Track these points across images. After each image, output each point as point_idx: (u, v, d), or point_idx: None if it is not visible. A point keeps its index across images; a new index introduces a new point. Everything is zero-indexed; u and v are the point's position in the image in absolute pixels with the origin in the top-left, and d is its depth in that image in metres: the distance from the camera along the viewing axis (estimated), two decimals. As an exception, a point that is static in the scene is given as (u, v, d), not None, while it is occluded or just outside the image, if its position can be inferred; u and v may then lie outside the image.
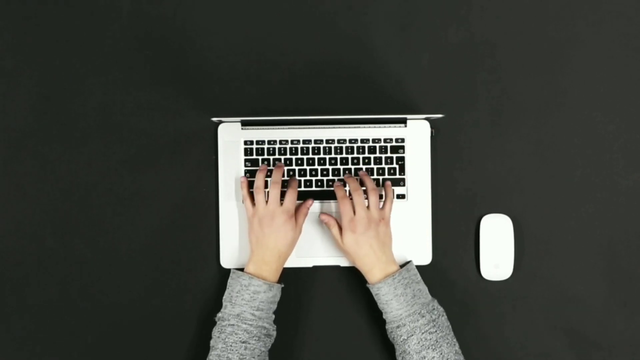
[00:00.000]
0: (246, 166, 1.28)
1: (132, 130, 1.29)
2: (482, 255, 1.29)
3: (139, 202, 1.29)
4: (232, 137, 1.28)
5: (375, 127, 1.28)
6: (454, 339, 1.18)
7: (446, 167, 1.30)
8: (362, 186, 1.24)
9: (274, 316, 1.20)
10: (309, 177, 1.28)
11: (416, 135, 1.28)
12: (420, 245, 1.29)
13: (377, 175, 1.28)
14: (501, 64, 1.31)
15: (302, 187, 1.28)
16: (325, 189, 1.28)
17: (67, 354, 1.29)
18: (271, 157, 1.28)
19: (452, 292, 1.30)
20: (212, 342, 1.18)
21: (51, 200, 1.29)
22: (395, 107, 1.30)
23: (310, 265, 1.28)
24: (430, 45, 1.31)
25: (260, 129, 1.28)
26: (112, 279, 1.29)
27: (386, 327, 1.20)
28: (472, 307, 1.30)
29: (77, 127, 1.30)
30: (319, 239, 1.28)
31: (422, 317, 1.16)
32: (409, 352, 1.16)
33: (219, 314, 1.19)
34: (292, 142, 1.28)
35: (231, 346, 1.15)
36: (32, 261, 1.29)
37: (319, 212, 1.27)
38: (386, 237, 1.21)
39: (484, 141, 1.31)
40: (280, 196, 1.21)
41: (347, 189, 1.25)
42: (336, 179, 1.28)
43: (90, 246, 1.29)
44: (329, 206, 1.28)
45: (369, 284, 1.21)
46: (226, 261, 1.28)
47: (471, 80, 1.31)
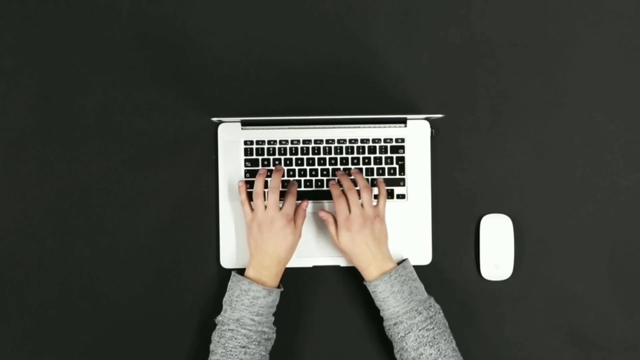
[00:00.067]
0: (246, 166, 1.28)
1: (132, 130, 1.29)
2: (482, 255, 1.29)
3: (139, 202, 1.29)
4: (232, 137, 1.28)
5: (375, 127, 1.28)
6: (451, 336, 1.18)
7: (446, 167, 1.30)
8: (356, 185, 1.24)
9: (273, 318, 1.20)
10: (309, 177, 1.28)
11: (416, 135, 1.28)
12: (420, 245, 1.29)
13: (377, 175, 1.28)
14: (501, 64, 1.31)
15: (302, 187, 1.28)
16: (325, 189, 1.28)
17: (67, 354, 1.29)
18: (271, 157, 1.28)
19: (452, 292, 1.30)
20: (211, 346, 1.18)
21: (51, 200, 1.29)
22: (395, 107, 1.30)
23: (310, 265, 1.28)
24: (430, 45, 1.31)
25: (260, 129, 1.28)
26: (112, 279, 1.29)
27: (384, 325, 1.20)
28: (472, 307, 1.30)
29: (77, 127, 1.30)
30: (319, 239, 1.27)
31: (419, 314, 1.16)
32: (407, 349, 1.16)
33: (219, 318, 1.19)
34: (292, 142, 1.28)
35: (231, 351, 1.15)
36: (32, 261, 1.29)
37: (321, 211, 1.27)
38: (381, 234, 1.21)
39: (484, 141, 1.31)
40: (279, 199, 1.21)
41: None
42: (331, 177, 1.27)
43: (90, 246, 1.29)
44: (330, 207, 1.28)
45: (365, 281, 1.21)
46: (226, 261, 1.28)
47: (471, 80, 1.31)
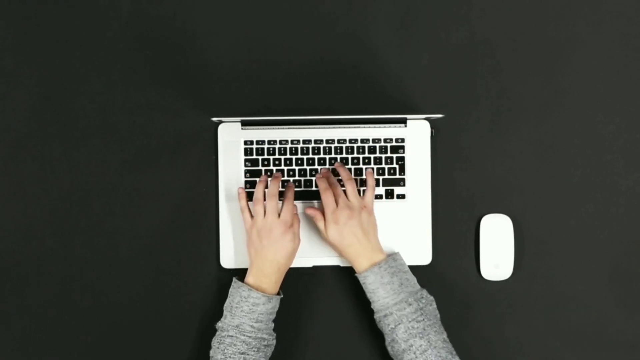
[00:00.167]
0: (246, 166, 1.28)
1: (132, 130, 1.29)
2: (482, 255, 1.29)
3: (139, 202, 1.29)
4: (232, 137, 1.28)
5: (375, 127, 1.28)
6: (442, 328, 1.18)
7: (446, 167, 1.30)
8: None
9: (273, 325, 1.20)
10: (309, 177, 1.28)
11: (416, 135, 1.28)
12: (420, 245, 1.29)
13: (377, 175, 1.28)
14: (501, 64, 1.31)
15: (302, 187, 1.28)
16: (325, 189, 1.28)
17: (67, 354, 1.29)
18: (271, 157, 1.28)
19: (452, 292, 1.30)
20: (211, 352, 1.18)
21: (51, 200, 1.29)
22: (395, 107, 1.30)
23: (310, 265, 1.28)
24: (430, 45, 1.31)
25: (260, 129, 1.28)
26: (112, 279, 1.29)
27: (374, 317, 1.20)
28: (472, 307, 1.30)
29: (77, 127, 1.30)
30: (319, 239, 1.27)
31: (410, 305, 1.16)
32: (397, 341, 1.16)
33: (219, 323, 1.19)
34: (292, 142, 1.28)
35: (230, 357, 1.15)
36: (32, 261, 1.29)
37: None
38: (369, 225, 1.21)
39: (484, 141, 1.31)
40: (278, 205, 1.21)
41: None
42: (318, 171, 1.27)
43: (90, 246, 1.29)
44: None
45: (356, 273, 1.21)
46: (226, 261, 1.28)
47: (471, 80, 1.31)
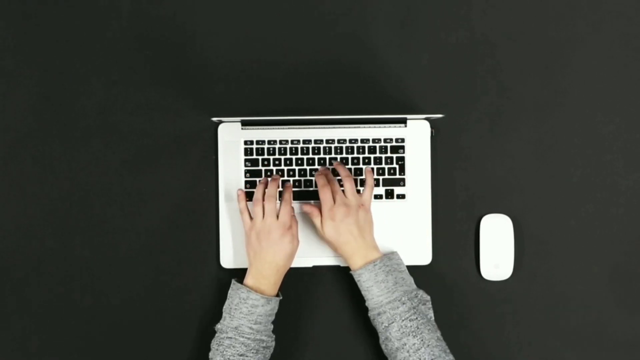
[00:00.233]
0: (246, 166, 1.28)
1: (132, 130, 1.29)
2: (482, 255, 1.29)
3: (139, 202, 1.29)
4: (232, 137, 1.28)
5: (375, 127, 1.28)
6: (435, 326, 1.18)
7: (446, 167, 1.30)
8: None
9: (272, 327, 1.20)
10: (309, 177, 1.28)
11: (416, 135, 1.28)
12: (420, 245, 1.29)
13: (377, 175, 1.28)
14: (501, 64, 1.31)
15: (302, 187, 1.28)
16: (325, 189, 1.28)
17: (67, 354, 1.29)
18: (271, 157, 1.28)
19: (452, 292, 1.30)
20: (210, 354, 1.18)
21: (51, 200, 1.29)
22: (395, 107, 1.30)
23: (310, 265, 1.28)
24: (430, 45, 1.31)
25: (260, 129, 1.28)
26: (112, 279, 1.29)
27: (368, 315, 1.20)
28: (472, 307, 1.30)
29: (77, 127, 1.30)
30: (319, 239, 1.27)
31: (403, 304, 1.16)
32: (391, 339, 1.16)
33: (218, 325, 1.19)
34: (292, 142, 1.28)
35: (229, 359, 1.15)
36: (32, 261, 1.29)
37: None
38: (366, 223, 1.21)
39: (484, 141, 1.31)
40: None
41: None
42: (317, 168, 1.27)
43: (90, 246, 1.29)
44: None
45: (351, 270, 1.21)
46: (226, 261, 1.28)
47: (471, 80, 1.31)
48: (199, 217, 1.29)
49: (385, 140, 1.28)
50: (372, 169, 1.28)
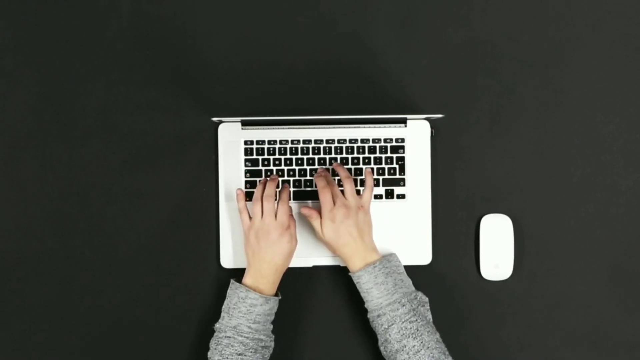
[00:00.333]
0: (246, 166, 1.28)
1: (132, 130, 1.29)
2: (482, 255, 1.29)
3: (139, 202, 1.29)
4: (232, 137, 1.28)
5: (375, 127, 1.28)
6: (434, 328, 1.17)
7: (446, 167, 1.30)
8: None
9: (271, 326, 1.20)
10: (309, 177, 1.28)
11: (416, 135, 1.28)
12: (420, 245, 1.29)
13: (377, 175, 1.28)
14: (501, 64, 1.31)
15: (301, 187, 1.28)
16: (325, 189, 1.28)
17: (67, 354, 1.29)
18: (271, 157, 1.28)
19: (452, 292, 1.30)
20: (209, 353, 1.18)
21: (51, 200, 1.29)
22: (395, 107, 1.30)
23: (310, 265, 1.28)
24: (430, 45, 1.31)
25: (260, 129, 1.28)
26: (112, 279, 1.29)
27: (368, 317, 1.20)
28: (471, 308, 1.30)
29: (77, 127, 1.30)
30: (318, 239, 1.27)
31: (403, 306, 1.16)
32: (390, 341, 1.16)
33: (217, 325, 1.19)
34: (292, 142, 1.28)
35: (227, 358, 1.15)
36: (32, 261, 1.29)
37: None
38: (365, 224, 1.21)
39: (484, 141, 1.31)
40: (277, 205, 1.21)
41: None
42: (316, 169, 1.27)
43: (90, 246, 1.29)
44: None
45: (350, 272, 1.21)
46: (226, 261, 1.28)
47: (471, 80, 1.31)
48: (199, 217, 1.29)
49: (385, 140, 1.28)
50: (372, 169, 1.28)
